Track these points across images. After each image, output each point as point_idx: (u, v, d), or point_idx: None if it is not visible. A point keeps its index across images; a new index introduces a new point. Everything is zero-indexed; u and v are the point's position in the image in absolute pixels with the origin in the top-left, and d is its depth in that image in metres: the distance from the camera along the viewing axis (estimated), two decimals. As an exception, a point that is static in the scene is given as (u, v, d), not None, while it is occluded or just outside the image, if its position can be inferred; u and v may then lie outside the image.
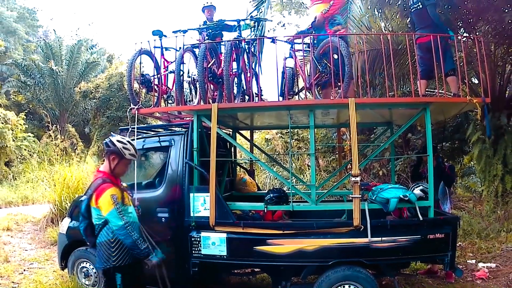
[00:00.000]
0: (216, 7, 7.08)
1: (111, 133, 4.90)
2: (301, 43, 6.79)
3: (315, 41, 6.31)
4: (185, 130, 5.89)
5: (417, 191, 5.50)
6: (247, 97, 6.55)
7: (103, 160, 4.48)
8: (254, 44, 6.79)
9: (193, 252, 5.36)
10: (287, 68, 6.61)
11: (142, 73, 6.30)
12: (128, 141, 4.34)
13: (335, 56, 5.62)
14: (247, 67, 6.56)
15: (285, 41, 6.57)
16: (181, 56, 6.12)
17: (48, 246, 9.28)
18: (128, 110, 6.10)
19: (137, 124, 6.00)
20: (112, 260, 4.14)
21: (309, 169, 12.23)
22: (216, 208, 5.28)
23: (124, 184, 4.53)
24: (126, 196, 4.27)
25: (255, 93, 6.77)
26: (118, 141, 4.26)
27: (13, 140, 18.73)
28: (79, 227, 4.34)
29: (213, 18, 7.04)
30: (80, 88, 23.58)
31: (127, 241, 4.02)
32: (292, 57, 6.62)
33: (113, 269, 4.16)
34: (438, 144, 11.29)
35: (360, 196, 5.20)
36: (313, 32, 6.60)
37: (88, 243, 4.36)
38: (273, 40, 6.54)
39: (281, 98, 6.21)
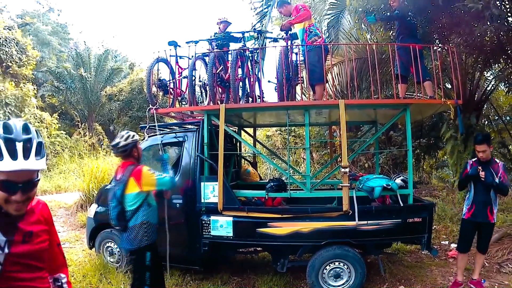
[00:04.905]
0: (231, 23, 7.04)
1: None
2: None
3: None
4: (196, 127, 5.88)
5: (398, 181, 5.49)
6: (250, 99, 6.52)
7: (123, 161, 4.33)
8: (256, 53, 6.76)
9: (204, 233, 5.36)
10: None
11: (159, 78, 6.30)
12: (124, 133, 4.28)
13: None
14: (250, 73, 6.53)
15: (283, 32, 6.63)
16: (193, 63, 6.11)
17: (78, 229, 9.30)
18: (147, 110, 6.10)
19: (156, 123, 5.99)
20: (144, 240, 4.12)
21: (304, 161, 12.21)
22: (223, 195, 5.28)
23: None
24: None
25: (258, 96, 6.78)
26: (125, 139, 4.19)
27: (48, 137, 18.75)
28: (112, 213, 4.18)
29: (226, 31, 7.01)
30: (106, 91, 23.62)
31: (173, 183, 4.33)
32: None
33: (144, 248, 4.13)
34: (416, 141, 11.31)
35: (349, 185, 5.21)
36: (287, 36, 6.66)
37: (119, 227, 4.26)
38: (275, 40, 6.57)
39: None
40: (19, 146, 1.61)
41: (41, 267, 1.85)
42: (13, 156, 1.58)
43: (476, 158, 5.24)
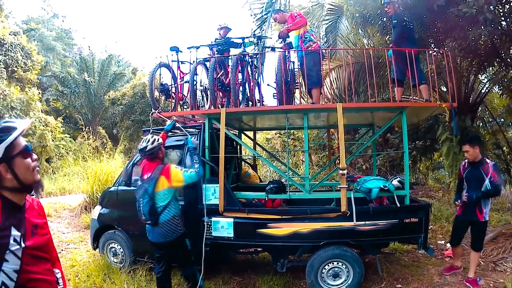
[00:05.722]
0: (231, 28, 7.07)
1: (144, 135, 4.91)
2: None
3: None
4: (198, 131, 5.89)
5: (395, 182, 5.50)
6: (250, 103, 6.54)
7: (151, 162, 4.73)
8: (256, 58, 6.78)
9: (205, 234, 5.37)
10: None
11: (161, 82, 6.32)
12: (149, 138, 4.72)
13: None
14: (250, 77, 6.55)
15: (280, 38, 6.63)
16: (195, 68, 6.13)
17: (82, 230, 9.30)
18: (150, 114, 6.13)
19: (156, 126, 6.01)
20: (179, 229, 4.65)
21: (303, 163, 12.22)
22: (224, 197, 5.29)
23: None
24: None
25: (258, 100, 6.80)
26: (152, 143, 4.64)
27: (53, 140, 18.75)
28: (144, 208, 4.51)
29: (226, 36, 7.03)
30: (109, 96, 23.61)
31: (200, 175, 4.81)
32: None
33: (181, 236, 4.68)
34: (412, 143, 11.30)
35: (347, 186, 5.21)
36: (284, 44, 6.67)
37: (150, 221, 4.55)
38: (273, 49, 6.58)
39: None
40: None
41: (48, 259, 1.96)
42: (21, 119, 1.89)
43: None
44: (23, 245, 1.75)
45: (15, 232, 1.74)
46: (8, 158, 1.76)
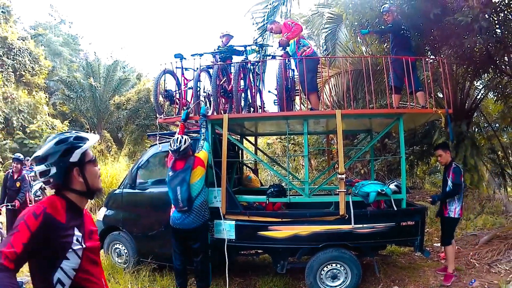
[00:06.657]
0: (233, 36, 7.13)
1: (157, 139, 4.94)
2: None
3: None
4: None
5: (392, 186, 5.52)
6: (252, 109, 6.57)
7: (182, 158, 5.03)
8: (258, 65, 6.82)
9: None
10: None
11: (165, 88, 6.36)
12: (180, 138, 5.03)
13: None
14: (252, 84, 6.59)
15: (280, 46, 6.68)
16: (198, 75, 6.17)
17: (88, 231, 9.30)
18: (157, 120, 6.17)
19: (161, 131, 6.04)
20: (206, 215, 5.01)
21: (303, 168, 12.25)
22: (226, 200, 5.33)
23: None
24: None
25: (259, 106, 6.83)
26: (184, 143, 4.95)
27: (59, 143, 18.80)
28: (183, 196, 4.82)
29: (229, 44, 7.07)
30: (114, 100, 23.68)
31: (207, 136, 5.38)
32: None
33: (207, 221, 5.06)
34: (409, 148, 11.32)
35: (345, 190, 5.24)
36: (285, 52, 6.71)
37: (186, 208, 4.83)
38: (274, 57, 6.62)
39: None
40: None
41: (99, 263, 2.05)
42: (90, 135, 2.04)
43: None
44: (84, 245, 1.86)
45: (77, 233, 1.85)
46: (81, 163, 1.93)
